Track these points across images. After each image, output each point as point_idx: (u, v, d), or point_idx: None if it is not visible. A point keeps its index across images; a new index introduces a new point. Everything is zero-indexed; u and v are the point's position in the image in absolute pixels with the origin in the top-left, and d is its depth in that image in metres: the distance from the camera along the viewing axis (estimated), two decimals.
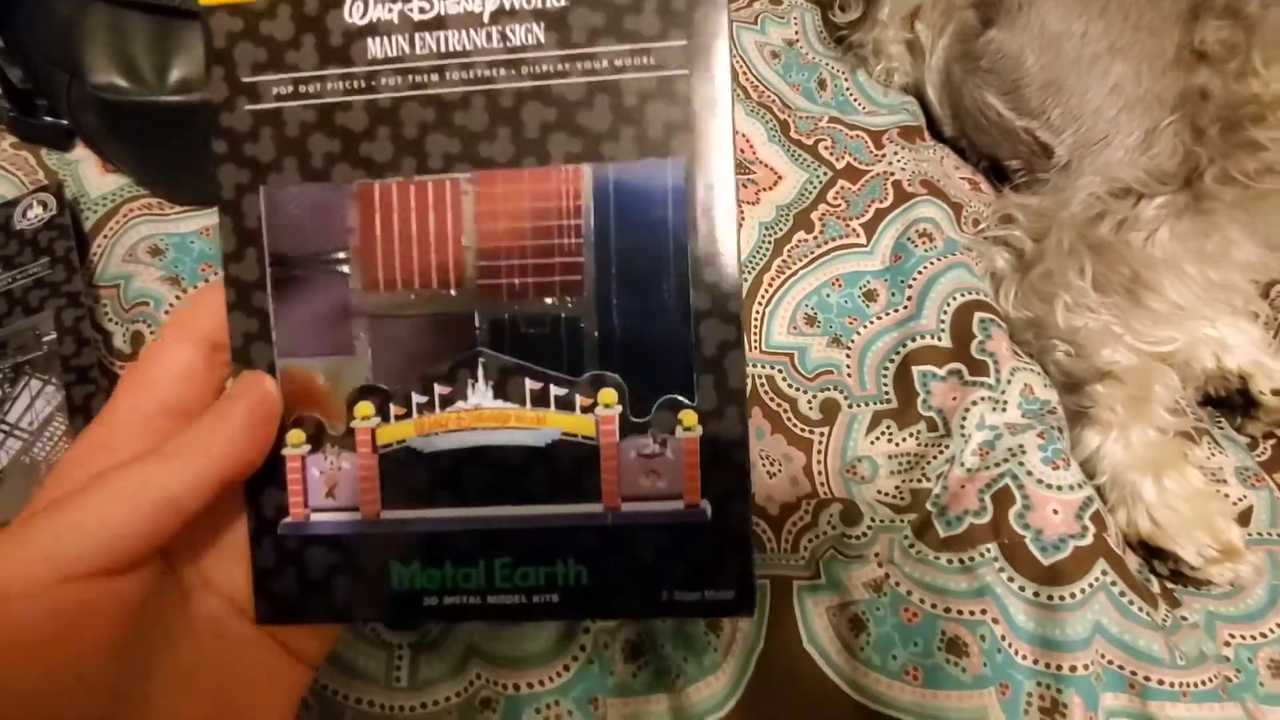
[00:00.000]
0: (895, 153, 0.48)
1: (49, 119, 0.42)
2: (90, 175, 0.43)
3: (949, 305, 0.42)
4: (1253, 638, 0.37)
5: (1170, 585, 0.38)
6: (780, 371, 0.41)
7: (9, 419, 0.34)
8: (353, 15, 0.15)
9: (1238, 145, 0.39)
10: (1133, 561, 0.39)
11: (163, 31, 0.37)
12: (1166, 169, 0.41)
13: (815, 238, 0.45)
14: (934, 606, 0.35)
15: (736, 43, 0.51)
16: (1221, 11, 0.41)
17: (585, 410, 0.13)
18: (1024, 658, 0.33)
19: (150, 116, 0.37)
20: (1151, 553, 0.38)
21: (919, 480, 0.38)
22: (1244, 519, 0.40)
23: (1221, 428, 0.44)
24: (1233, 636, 0.37)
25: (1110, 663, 0.33)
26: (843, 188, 0.47)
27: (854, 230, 0.45)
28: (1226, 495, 0.40)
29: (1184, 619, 0.37)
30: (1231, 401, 0.44)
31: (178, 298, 0.39)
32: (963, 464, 0.38)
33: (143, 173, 0.42)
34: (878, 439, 0.39)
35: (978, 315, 0.41)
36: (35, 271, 0.38)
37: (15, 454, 0.33)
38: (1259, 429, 0.43)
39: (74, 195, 0.42)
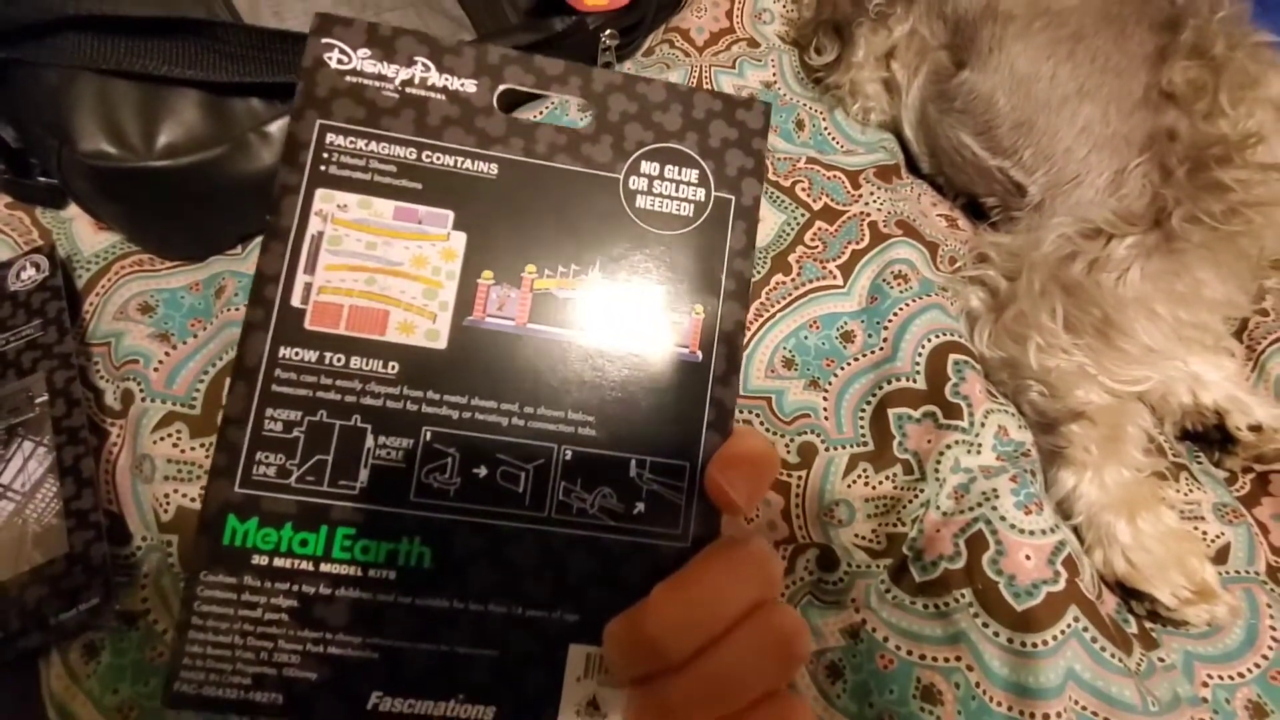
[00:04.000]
0: (872, 193, 0.49)
1: (42, 179, 0.44)
2: (83, 233, 0.44)
3: (924, 347, 0.42)
4: (1230, 678, 0.37)
5: (1149, 625, 0.39)
6: (758, 415, 0.42)
7: (2, 481, 0.35)
8: None
9: (1204, 187, 0.39)
10: (1111, 601, 0.39)
11: (149, 99, 0.38)
12: (1135, 210, 0.41)
13: (793, 280, 0.46)
14: (909, 653, 0.35)
15: (715, 86, 0.52)
16: (1189, 52, 0.42)
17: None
18: (998, 705, 0.33)
19: (139, 181, 0.39)
20: (1129, 593, 0.39)
21: (895, 524, 0.38)
22: (1221, 556, 0.40)
23: (1200, 463, 0.45)
24: (1210, 677, 0.37)
25: (1084, 709, 0.33)
26: (820, 229, 0.47)
27: (831, 272, 0.46)
28: (1204, 533, 0.41)
29: (1160, 660, 0.37)
30: (1209, 436, 0.44)
31: (167, 354, 0.40)
32: (938, 508, 0.38)
33: (133, 231, 0.43)
34: (855, 482, 0.40)
35: (952, 357, 0.41)
36: (28, 333, 0.39)
37: (8, 515, 0.34)
38: (1237, 464, 0.43)
39: (67, 253, 0.43)
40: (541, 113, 0.47)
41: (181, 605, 0.18)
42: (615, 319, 0.20)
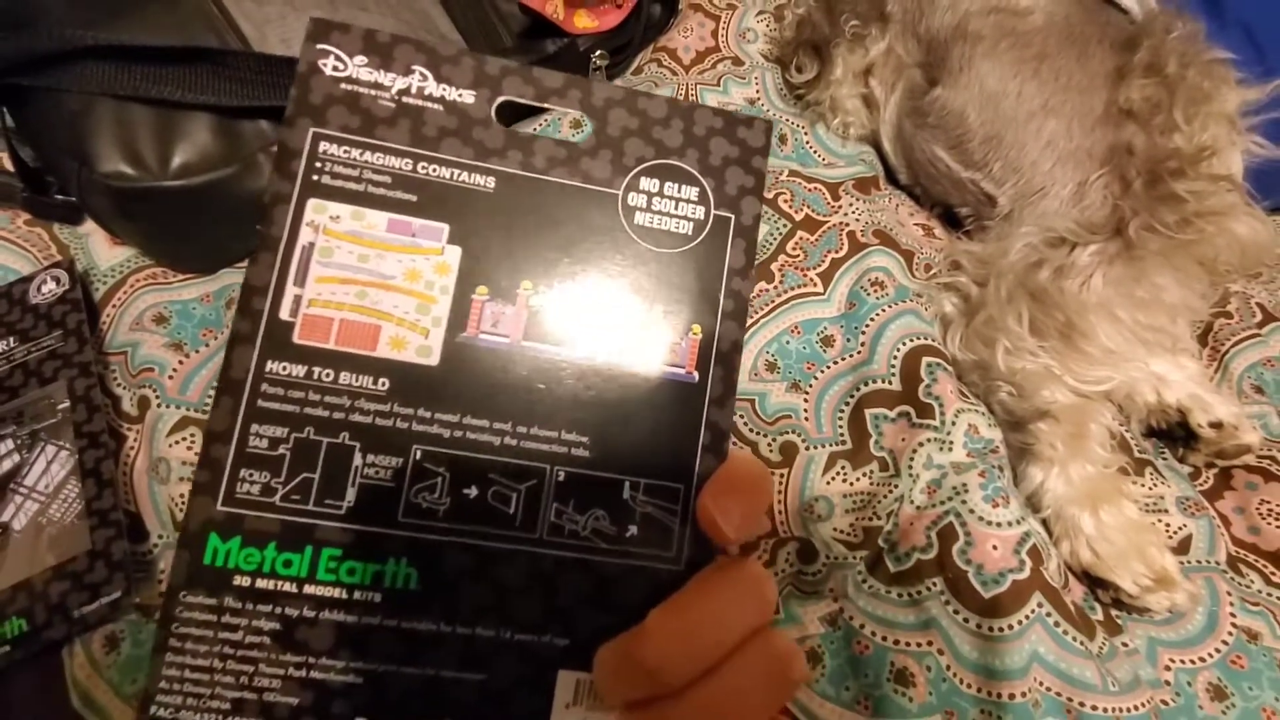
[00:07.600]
0: (851, 204, 0.51)
1: (60, 196, 0.46)
2: (100, 248, 0.46)
3: (899, 350, 0.44)
4: (1191, 662, 0.39)
5: (1114, 612, 0.41)
6: (742, 417, 0.44)
7: (26, 483, 0.37)
8: None
9: (1159, 198, 0.41)
10: (1078, 590, 0.41)
11: (165, 122, 0.41)
12: (1097, 220, 0.43)
13: (775, 287, 0.48)
14: (884, 639, 0.37)
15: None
16: (1145, 70, 0.44)
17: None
18: (968, 686, 0.35)
19: (155, 199, 0.41)
20: (1094, 582, 0.41)
21: (871, 518, 0.40)
22: (1183, 546, 0.42)
23: (1165, 459, 0.47)
24: (1173, 661, 0.39)
25: (1048, 690, 0.35)
26: (801, 239, 0.49)
27: (811, 280, 0.48)
28: (1166, 525, 0.43)
29: (1124, 645, 0.39)
30: (1174, 434, 0.46)
31: (180, 363, 0.42)
32: (912, 502, 0.40)
33: (149, 246, 0.45)
34: (834, 479, 0.42)
35: (925, 359, 0.44)
36: (49, 344, 0.41)
37: (32, 515, 0.37)
38: (1200, 459, 0.45)
39: (85, 268, 0.45)
40: (537, 128, 0.50)
41: (159, 625, 0.17)
42: (611, 338, 0.19)
